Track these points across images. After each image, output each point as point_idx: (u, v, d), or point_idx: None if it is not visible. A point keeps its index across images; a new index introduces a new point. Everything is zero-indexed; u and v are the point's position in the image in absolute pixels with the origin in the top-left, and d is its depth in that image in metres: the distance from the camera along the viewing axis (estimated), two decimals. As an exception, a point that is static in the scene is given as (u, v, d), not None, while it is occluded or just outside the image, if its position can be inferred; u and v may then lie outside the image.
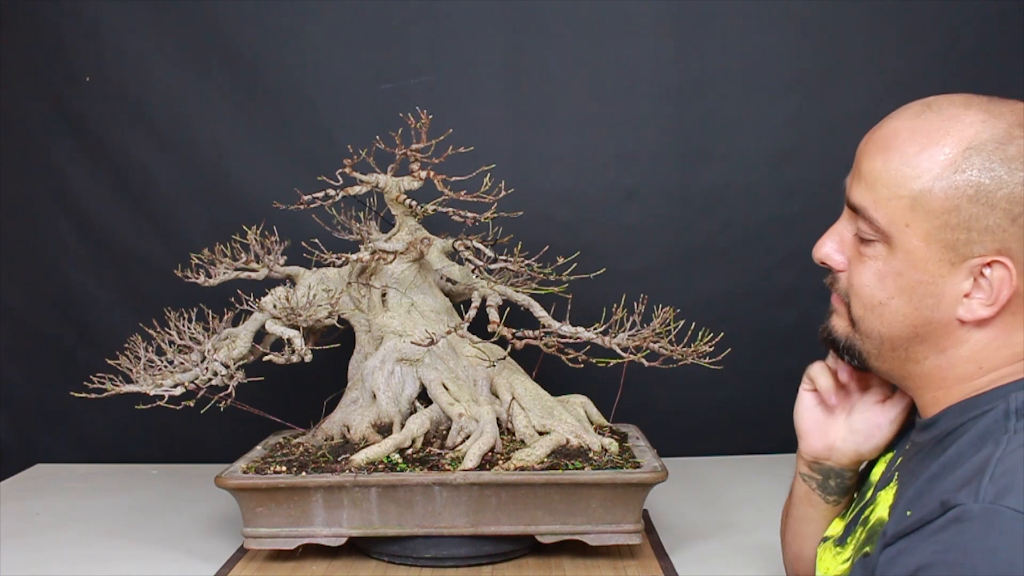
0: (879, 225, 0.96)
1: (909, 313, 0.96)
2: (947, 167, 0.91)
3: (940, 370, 0.99)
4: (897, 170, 0.94)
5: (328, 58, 2.50)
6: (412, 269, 1.91)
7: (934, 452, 0.96)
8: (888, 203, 0.95)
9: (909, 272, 0.95)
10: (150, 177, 2.53)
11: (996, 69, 2.40)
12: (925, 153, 0.93)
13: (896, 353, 1.01)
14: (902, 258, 0.95)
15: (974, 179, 0.90)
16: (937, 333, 0.96)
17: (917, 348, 0.99)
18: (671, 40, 2.48)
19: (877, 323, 1.00)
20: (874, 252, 0.98)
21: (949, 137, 0.92)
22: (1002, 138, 0.90)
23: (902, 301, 0.96)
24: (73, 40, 2.51)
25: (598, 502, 1.65)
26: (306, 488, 1.65)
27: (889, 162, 0.95)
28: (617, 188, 2.51)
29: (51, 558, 1.79)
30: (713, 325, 1.70)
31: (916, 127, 0.95)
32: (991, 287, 0.92)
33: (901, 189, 0.94)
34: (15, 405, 2.63)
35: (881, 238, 0.97)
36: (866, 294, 0.99)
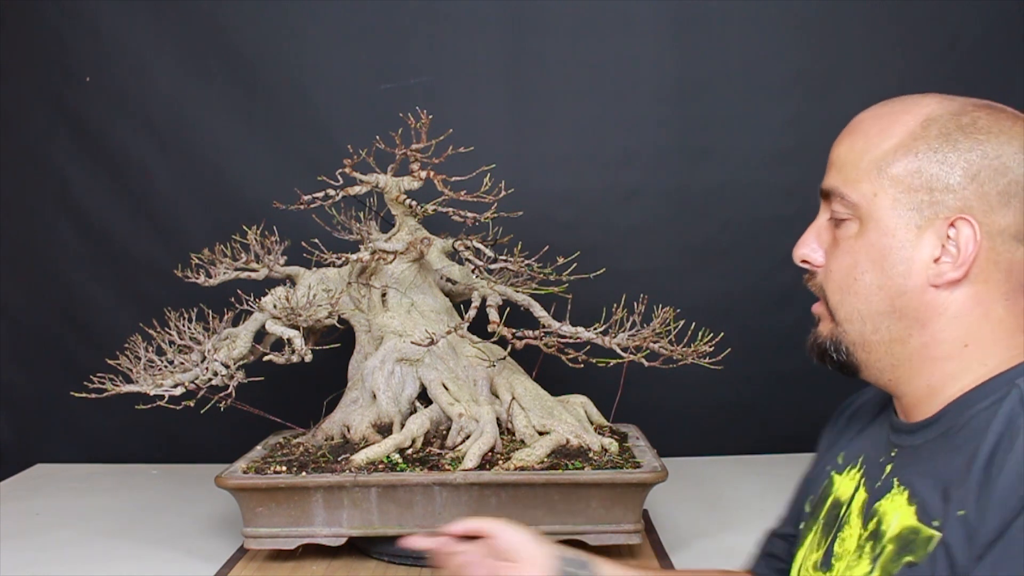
0: (850, 199, 1.00)
1: (883, 283, 0.98)
2: (907, 136, 0.97)
3: (927, 348, 0.99)
4: (862, 147, 1.00)
5: (328, 58, 2.50)
6: (412, 269, 1.91)
7: (945, 448, 0.96)
8: (856, 177, 0.99)
9: (880, 241, 0.98)
10: (150, 177, 2.54)
11: (996, 69, 2.40)
12: (887, 129, 0.99)
13: (879, 335, 1.01)
14: (872, 228, 0.98)
15: (933, 143, 0.96)
16: (913, 304, 0.98)
17: (898, 324, 0.99)
18: (671, 40, 2.48)
19: (854, 300, 1.01)
20: (848, 232, 1.01)
21: (908, 115, 0.99)
22: (957, 111, 0.97)
23: (875, 273, 0.99)
24: (73, 40, 2.52)
25: (598, 502, 1.65)
26: (306, 488, 1.65)
27: (854, 143, 1.01)
28: (617, 188, 2.51)
29: (51, 558, 1.79)
30: (713, 325, 1.70)
31: (878, 113, 1.02)
32: (957, 248, 0.94)
33: (866, 162, 0.99)
34: (15, 405, 2.63)
35: (853, 213, 1.00)
36: (841, 274, 1.01)
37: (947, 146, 0.95)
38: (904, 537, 0.95)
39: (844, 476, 1.13)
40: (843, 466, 1.15)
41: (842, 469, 1.14)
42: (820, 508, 1.15)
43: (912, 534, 0.94)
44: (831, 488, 1.14)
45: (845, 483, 1.12)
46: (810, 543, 1.14)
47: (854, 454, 1.14)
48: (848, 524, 1.06)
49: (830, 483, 1.15)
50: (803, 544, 1.15)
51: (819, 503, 1.15)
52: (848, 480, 1.11)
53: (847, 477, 1.12)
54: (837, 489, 1.13)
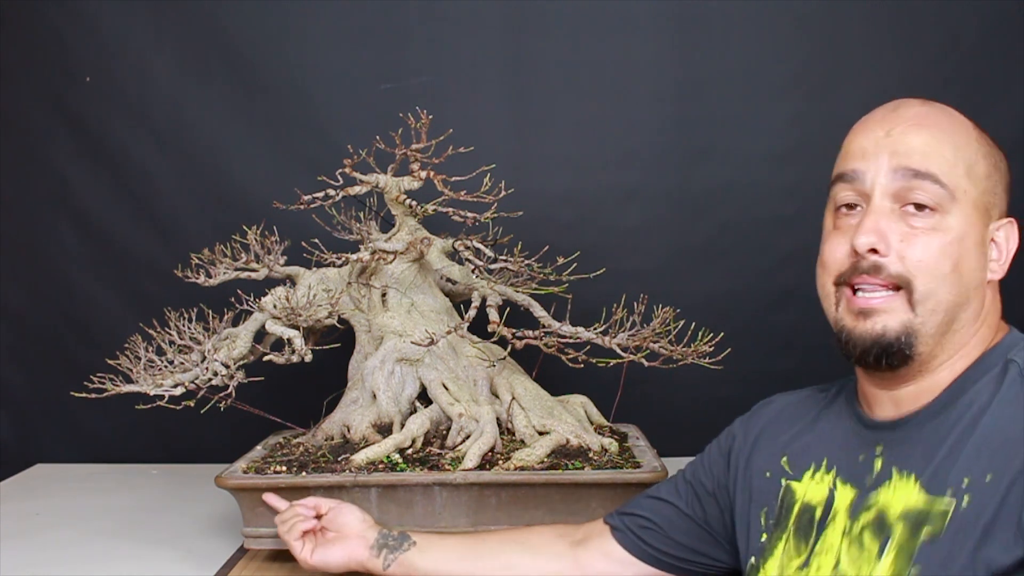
0: (948, 186, 1.00)
1: (962, 276, 1.01)
2: (976, 139, 1.04)
3: (961, 338, 1.04)
4: (950, 141, 1.02)
5: (328, 58, 2.50)
6: (412, 269, 1.91)
7: (939, 428, 1.00)
8: (950, 170, 1.01)
9: (966, 237, 1.01)
10: (150, 177, 2.53)
11: (996, 69, 2.40)
12: (957, 127, 1.04)
13: (943, 327, 1.03)
14: (960, 223, 1.01)
15: (990, 151, 1.04)
16: (977, 297, 1.03)
17: (960, 314, 1.03)
18: (671, 40, 2.48)
19: (946, 293, 1.01)
20: (929, 224, 1.01)
21: (956, 117, 1.06)
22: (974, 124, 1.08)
23: (958, 264, 1.01)
24: (73, 40, 2.51)
25: (598, 502, 1.65)
26: (306, 488, 1.65)
27: (934, 136, 1.02)
28: (617, 188, 2.51)
29: (51, 558, 1.79)
30: (713, 325, 1.70)
31: (929, 110, 1.06)
32: (998, 248, 1.03)
33: (959, 156, 1.02)
34: (15, 405, 2.63)
35: (938, 201, 1.01)
36: (933, 265, 1.00)
37: (995, 152, 1.05)
38: (915, 515, 0.97)
39: (807, 482, 1.14)
40: (799, 472, 1.16)
41: (799, 475, 1.15)
42: (786, 518, 1.15)
43: (925, 508, 0.97)
44: (793, 496, 1.15)
45: (812, 488, 1.13)
46: (784, 551, 1.14)
47: (811, 457, 1.15)
48: (833, 523, 1.08)
49: (789, 491, 1.16)
50: (772, 555, 1.15)
51: (783, 513, 1.16)
52: (816, 484, 1.13)
53: (813, 482, 1.13)
54: (803, 495, 1.14)
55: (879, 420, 1.09)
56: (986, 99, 2.39)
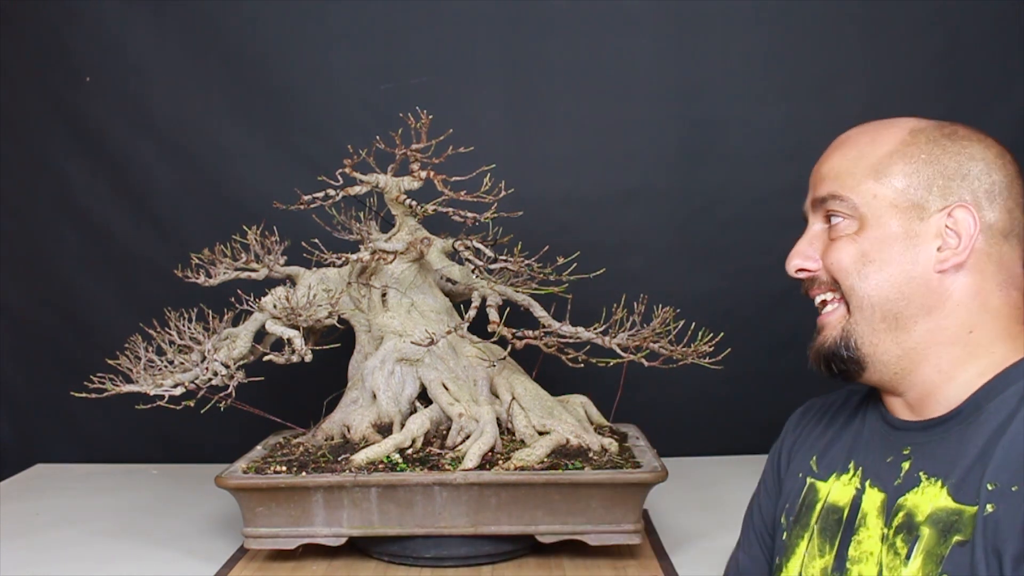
0: (851, 200, 1.07)
1: (891, 272, 1.05)
2: (899, 143, 1.07)
3: (932, 334, 1.05)
4: (855, 155, 1.09)
5: (328, 58, 2.50)
6: (412, 269, 1.91)
7: (971, 433, 1.01)
8: (854, 180, 1.07)
9: (884, 236, 1.05)
10: (150, 177, 2.54)
11: (996, 69, 2.40)
12: (878, 139, 1.08)
13: (886, 323, 1.06)
14: (874, 225, 1.06)
15: (924, 147, 1.06)
16: (920, 291, 1.04)
17: (906, 312, 1.05)
18: (671, 40, 2.48)
19: (866, 286, 1.06)
20: (847, 229, 1.08)
21: (894, 127, 1.09)
22: (937, 124, 1.08)
23: (882, 262, 1.05)
24: (73, 40, 2.52)
25: (598, 502, 1.65)
26: (306, 488, 1.65)
27: (847, 153, 1.10)
28: (617, 188, 2.51)
29: (51, 558, 1.79)
30: (713, 325, 1.70)
31: (861, 130, 1.11)
32: (956, 234, 1.03)
33: (862, 167, 1.07)
34: (15, 405, 2.63)
35: (853, 214, 1.07)
36: (848, 261, 1.07)
37: (937, 149, 1.05)
38: (944, 519, 0.99)
39: (832, 483, 1.15)
40: (825, 473, 1.17)
41: (825, 476, 1.17)
42: (808, 516, 1.16)
43: (954, 515, 0.98)
44: (816, 495, 1.17)
45: (838, 489, 1.14)
46: (806, 551, 1.14)
47: (837, 460, 1.17)
48: (865, 527, 1.08)
49: (812, 490, 1.17)
50: (794, 553, 1.16)
51: (804, 511, 1.17)
52: (842, 486, 1.14)
53: (839, 483, 1.14)
54: (828, 495, 1.15)
55: (906, 423, 1.10)
56: (986, 99, 2.40)
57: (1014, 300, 1.06)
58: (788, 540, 1.18)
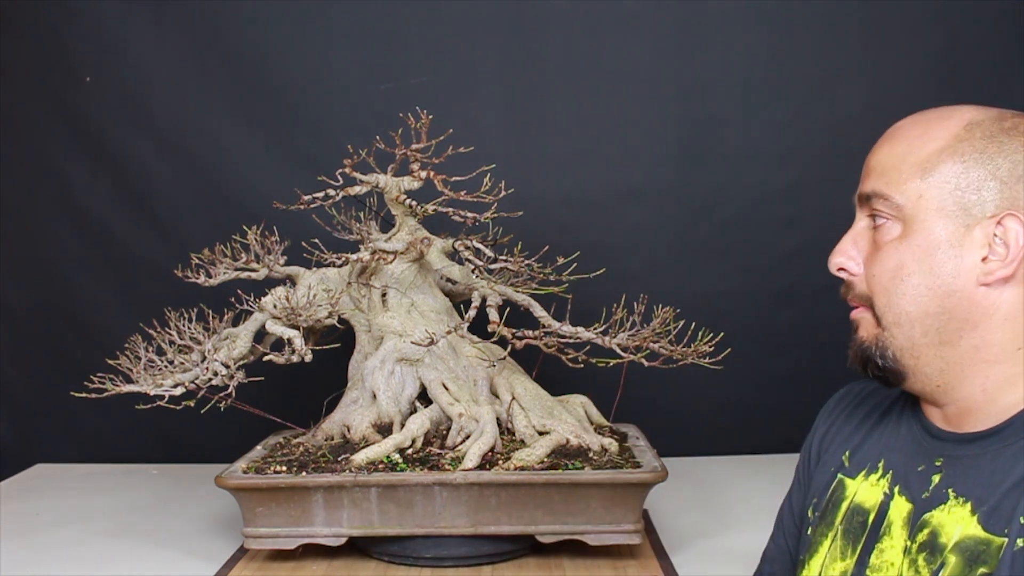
0: (895, 200, 0.99)
1: (932, 284, 0.98)
2: (951, 138, 0.98)
3: (978, 350, 0.98)
4: (904, 151, 1.00)
5: (328, 58, 2.50)
6: (412, 269, 1.91)
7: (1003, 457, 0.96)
8: (900, 179, 0.99)
9: (926, 242, 0.98)
10: (150, 177, 2.54)
11: (996, 69, 2.40)
12: (929, 132, 1.00)
13: (928, 338, 0.99)
14: (918, 230, 0.98)
15: (978, 144, 0.97)
16: (963, 305, 0.97)
17: (948, 326, 0.99)
18: (671, 40, 2.48)
19: (903, 303, 0.99)
20: (891, 235, 1.00)
21: (949, 120, 1.00)
22: (997, 116, 0.99)
23: (922, 274, 0.98)
24: (73, 40, 2.52)
25: (598, 502, 1.65)
26: (306, 488, 1.65)
27: (895, 147, 1.01)
28: (617, 188, 2.51)
29: (51, 558, 1.79)
30: (713, 325, 1.70)
31: (916, 120, 1.03)
32: (1005, 245, 0.95)
33: (910, 164, 0.99)
34: (15, 405, 2.63)
35: (897, 215, 0.99)
36: (888, 277, 1.00)
37: (992, 147, 0.97)
38: (971, 548, 0.94)
39: (861, 481, 1.11)
40: (855, 470, 1.12)
41: (854, 473, 1.12)
42: (833, 513, 1.12)
43: (981, 545, 0.93)
44: (843, 492, 1.12)
45: (866, 490, 1.09)
46: (828, 551, 1.11)
47: (868, 458, 1.12)
48: (889, 535, 1.04)
49: (840, 486, 1.13)
50: (817, 551, 1.12)
51: (830, 507, 1.13)
52: (870, 487, 1.09)
53: (867, 483, 1.10)
54: (855, 495, 1.10)
55: (944, 432, 1.04)
56: (986, 99, 2.38)
57: None
58: (813, 536, 1.14)
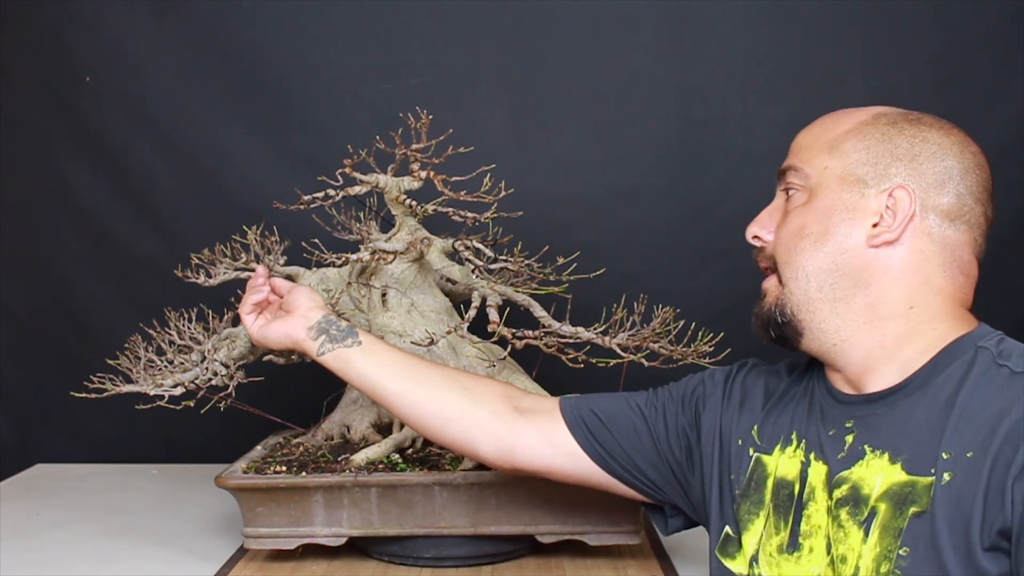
0: (804, 171, 1.13)
1: (828, 243, 1.09)
2: (860, 123, 1.12)
3: (872, 308, 1.08)
4: (819, 132, 1.16)
5: (328, 58, 2.50)
6: (412, 269, 1.91)
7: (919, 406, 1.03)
8: (811, 153, 1.14)
9: (826, 205, 1.10)
10: (150, 177, 2.54)
11: (996, 69, 2.40)
12: (843, 119, 1.14)
13: (823, 293, 1.09)
14: (821, 195, 1.11)
15: (882, 128, 1.10)
16: (855, 263, 1.08)
17: (841, 283, 1.09)
18: (671, 40, 2.48)
19: (801, 258, 1.11)
20: (798, 201, 1.14)
21: (861, 111, 1.15)
22: (906, 111, 1.13)
23: (819, 233, 1.10)
24: (73, 40, 2.52)
25: (598, 502, 1.65)
26: (306, 488, 1.65)
27: (812, 130, 1.18)
28: (617, 188, 2.51)
29: (51, 558, 1.79)
30: (713, 325, 1.70)
31: (836, 111, 1.18)
32: (893, 213, 1.07)
33: (821, 142, 1.14)
34: (15, 405, 2.63)
35: (805, 183, 1.13)
36: (789, 236, 1.13)
37: (893, 130, 1.10)
38: (898, 492, 1.00)
39: (778, 456, 1.17)
40: (769, 445, 1.19)
41: (770, 449, 1.18)
42: (760, 492, 1.17)
43: (907, 487, 0.99)
44: (764, 469, 1.18)
45: (785, 463, 1.16)
46: (764, 528, 1.16)
47: (779, 431, 1.18)
48: (814, 500, 1.10)
49: (760, 464, 1.19)
50: (748, 529, 1.18)
51: (754, 486, 1.18)
52: (788, 459, 1.15)
53: (784, 456, 1.16)
54: (776, 469, 1.16)
55: (849, 396, 1.11)
56: (986, 99, 2.39)
57: (959, 284, 1.08)
58: (739, 514, 1.20)
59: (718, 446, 1.25)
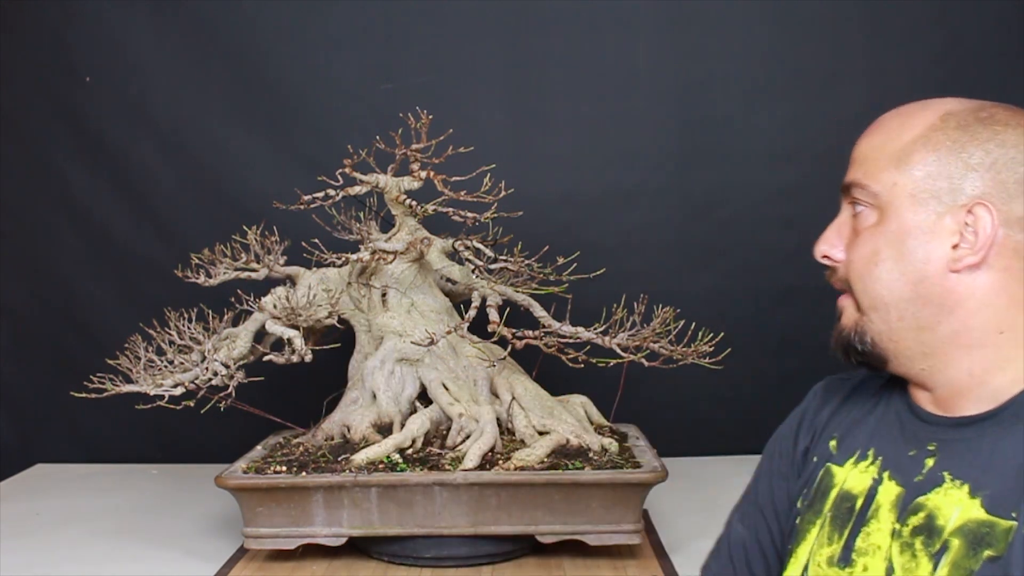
0: (871, 188, 1.02)
1: (904, 269, 1.00)
2: (927, 128, 1.00)
3: (958, 335, 0.99)
4: (882, 141, 1.03)
5: (328, 58, 2.50)
6: (412, 269, 1.91)
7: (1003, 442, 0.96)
8: (877, 167, 1.02)
9: (899, 228, 1.00)
10: (150, 177, 2.54)
11: (996, 69, 2.40)
12: (907, 123, 1.02)
13: (905, 322, 1.01)
14: (892, 216, 1.01)
15: (952, 134, 0.99)
16: (936, 291, 0.99)
17: (924, 312, 1.00)
18: (671, 40, 2.48)
19: (877, 287, 1.02)
20: (868, 222, 1.03)
21: (927, 111, 1.02)
22: (975, 107, 1.02)
23: (895, 259, 1.00)
24: (73, 40, 2.52)
25: (598, 502, 1.65)
26: (306, 488, 1.65)
27: (874, 138, 1.04)
28: (617, 188, 2.51)
29: (51, 558, 1.79)
30: (713, 325, 1.70)
31: (898, 111, 1.05)
32: (975, 233, 0.96)
33: (887, 154, 1.02)
34: (15, 405, 2.63)
35: (873, 202, 1.02)
36: (863, 263, 1.03)
37: (966, 136, 0.98)
38: (974, 531, 0.94)
39: (850, 468, 1.11)
40: (843, 457, 1.13)
41: (842, 460, 1.12)
42: (822, 502, 1.12)
43: (985, 527, 0.93)
44: (831, 480, 1.12)
45: (855, 476, 1.09)
46: (816, 538, 1.11)
47: (856, 444, 1.12)
48: (876, 519, 1.04)
49: (828, 475, 1.13)
50: (805, 539, 1.13)
51: (818, 496, 1.13)
52: (859, 473, 1.09)
53: (856, 470, 1.10)
54: (843, 482, 1.11)
55: (934, 416, 1.04)
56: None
57: None
58: (800, 525, 1.14)
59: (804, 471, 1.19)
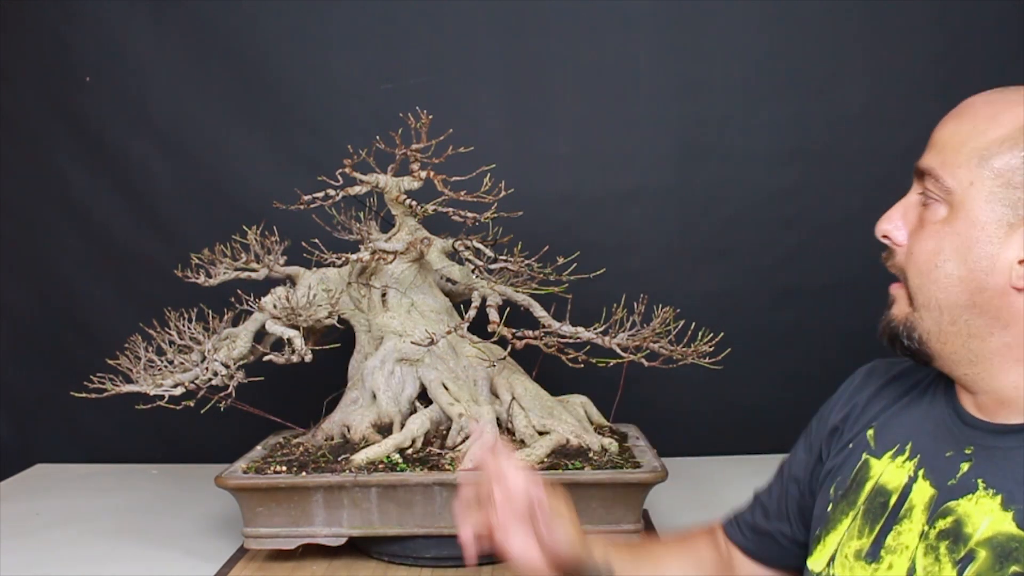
0: (945, 183, 0.96)
1: (964, 276, 0.95)
2: (1016, 129, 0.93)
3: (1010, 349, 0.96)
4: (968, 132, 0.96)
5: (328, 58, 2.50)
6: (412, 269, 1.91)
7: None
8: (956, 161, 0.96)
9: (967, 231, 0.95)
10: (150, 177, 2.54)
11: (996, 69, 2.39)
12: (997, 117, 0.95)
13: (956, 327, 0.98)
14: (963, 217, 0.95)
15: None
16: (995, 303, 0.95)
17: (977, 321, 0.96)
18: (671, 40, 2.48)
19: (934, 288, 0.97)
20: (937, 216, 0.98)
21: (1021, 107, 0.95)
22: None
23: (957, 263, 0.96)
24: (73, 40, 2.52)
25: (598, 502, 1.65)
26: (306, 488, 1.65)
27: (961, 126, 0.98)
28: (617, 188, 2.51)
29: (51, 558, 1.79)
30: (713, 325, 1.70)
31: (991, 99, 0.98)
32: None
33: (969, 148, 0.95)
34: (15, 405, 2.63)
35: (945, 197, 0.97)
36: (923, 259, 0.98)
37: None
38: (1002, 544, 0.91)
39: (886, 462, 1.08)
40: (881, 450, 1.10)
41: (880, 453, 1.10)
42: (856, 493, 1.10)
43: (1014, 542, 0.90)
44: (868, 472, 1.10)
45: (891, 471, 1.07)
46: (847, 529, 1.09)
47: (896, 438, 1.09)
48: (909, 519, 1.02)
49: (865, 466, 1.10)
50: (836, 528, 1.11)
51: (854, 487, 1.10)
52: (896, 468, 1.07)
53: (893, 464, 1.07)
54: (880, 475, 1.08)
55: (977, 420, 1.01)
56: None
57: None
58: (832, 513, 1.12)
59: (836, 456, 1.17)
